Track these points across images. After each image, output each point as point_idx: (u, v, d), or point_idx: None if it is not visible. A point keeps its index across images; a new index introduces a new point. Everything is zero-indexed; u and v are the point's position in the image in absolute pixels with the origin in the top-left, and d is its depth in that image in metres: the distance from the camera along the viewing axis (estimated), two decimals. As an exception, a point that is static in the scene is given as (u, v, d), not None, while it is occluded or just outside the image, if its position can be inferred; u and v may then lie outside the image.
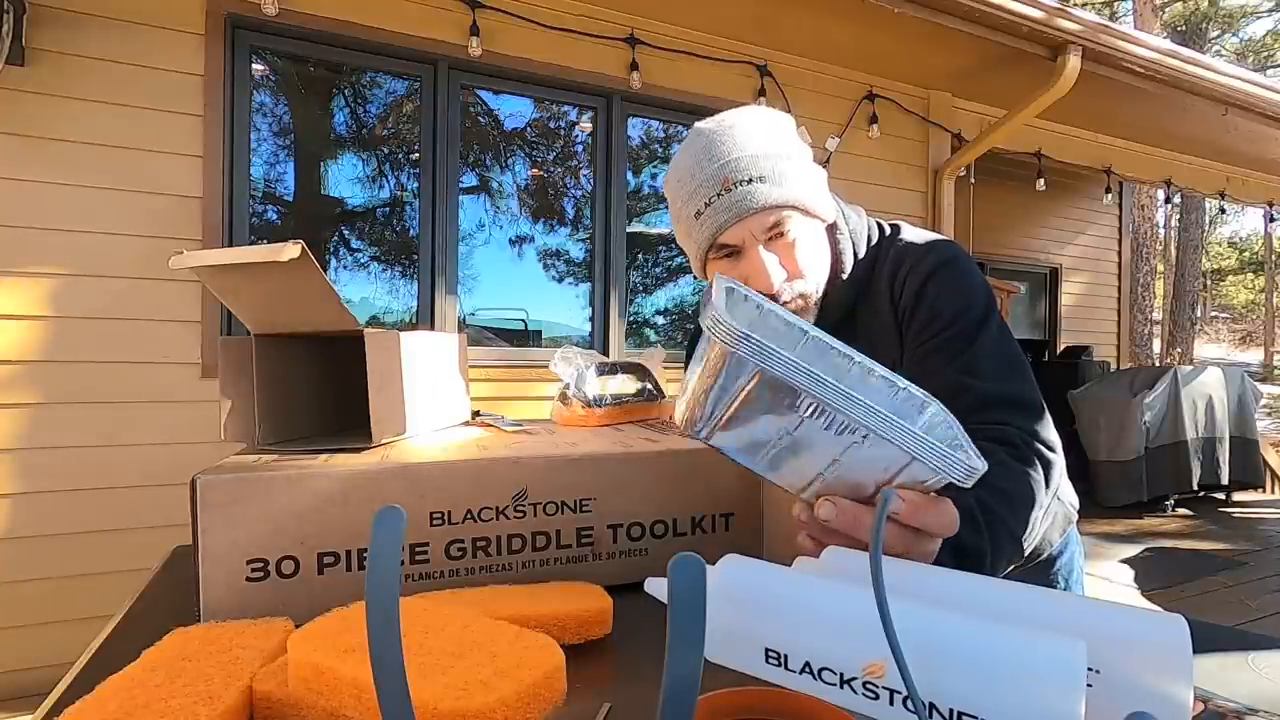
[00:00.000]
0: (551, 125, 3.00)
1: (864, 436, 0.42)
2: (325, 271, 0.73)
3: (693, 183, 0.72)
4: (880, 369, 0.54)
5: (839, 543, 0.45)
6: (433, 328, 2.65)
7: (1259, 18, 16.80)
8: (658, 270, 3.34)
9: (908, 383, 0.51)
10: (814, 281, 0.75)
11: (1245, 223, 23.52)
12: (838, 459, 0.43)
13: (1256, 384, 5.09)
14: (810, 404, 0.41)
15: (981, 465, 0.42)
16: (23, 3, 2.02)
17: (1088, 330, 6.21)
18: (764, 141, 0.72)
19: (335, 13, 2.44)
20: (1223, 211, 8.68)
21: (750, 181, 0.70)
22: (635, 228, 3.14)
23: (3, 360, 2.04)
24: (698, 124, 0.75)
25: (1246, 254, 22.81)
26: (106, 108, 2.15)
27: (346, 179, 2.71)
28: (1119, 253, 6.34)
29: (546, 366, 0.92)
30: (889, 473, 0.43)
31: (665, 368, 0.95)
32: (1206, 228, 18.31)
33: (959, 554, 0.53)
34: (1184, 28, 13.95)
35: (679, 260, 3.32)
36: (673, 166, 0.76)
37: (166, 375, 2.21)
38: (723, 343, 0.41)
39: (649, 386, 0.89)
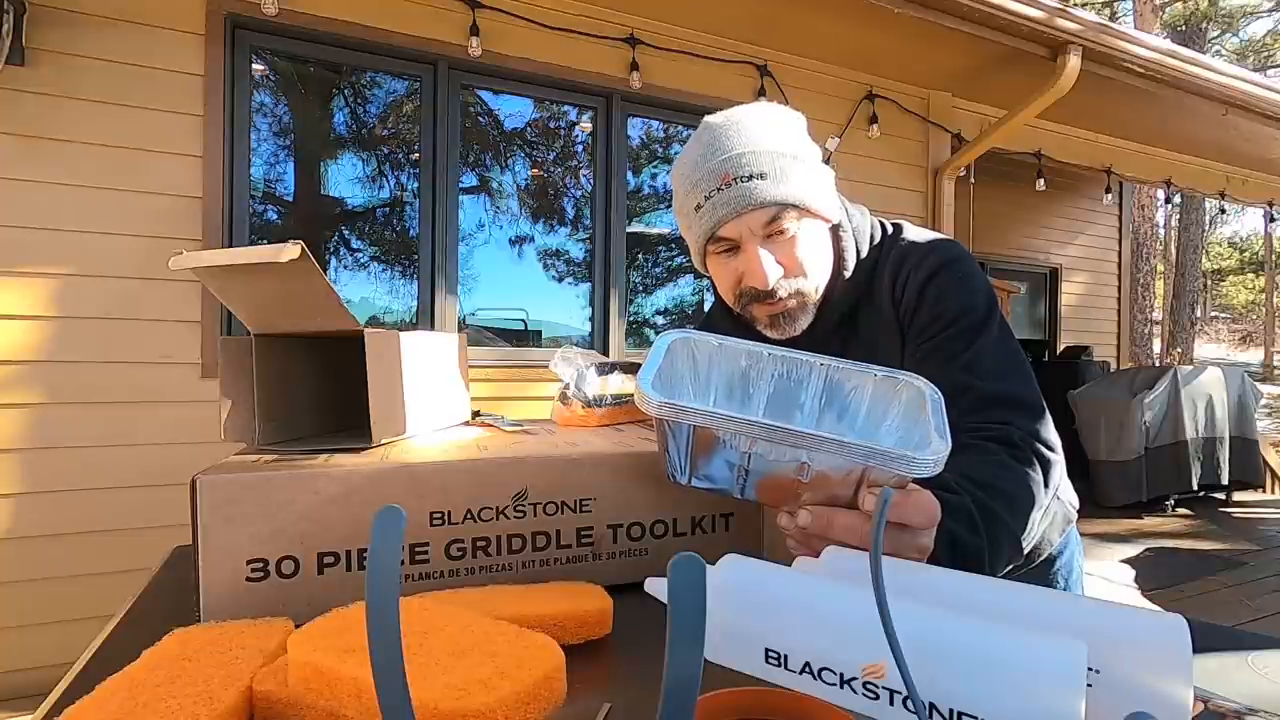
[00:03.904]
0: (551, 125, 3.00)
1: (806, 457, 0.45)
2: (325, 271, 0.73)
3: (695, 175, 0.72)
4: (854, 365, 0.56)
5: (821, 547, 0.47)
6: (433, 328, 2.65)
7: (1259, 18, 16.79)
8: (658, 270, 3.34)
9: (886, 370, 0.55)
10: (813, 280, 0.75)
11: (1245, 223, 23.54)
12: (798, 476, 0.47)
13: (1256, 384, 5.09)
14: (745, 440, 0.46)
15: (941, 449, 0.44)
16: (23, 2, 2.02)
17: (1088, 330, 6.21)
18: (769, 138, 0.72)
19: (335, 13, 2.44)
20: (1223, 211, 8.69)
21: (750, 178, 0.70)
22: (635, 228, 3.14)
23: (4, 360, 2.04)
24: (707, 118, 0.76)
25: (1246, 254, 22.81)
26: (106, 108, 2.15)
27: (346, 179, 2.71)
28: (1119, 253, 6.34)
29: (546, 366, 0.92)
30: (852, 476, 0.45)
31: (665, 368, 0.95)
32: (1206, 228, 18.30)
33: (957, 553, 0.53)
34: (1184, 28, 13.93)
35: (679, 260, 3.32)
36: (679, 158, 0.77)
37: (166, 375, 2.21)
38: (650, 414, 0.47)
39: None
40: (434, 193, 2.67)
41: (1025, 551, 0.62)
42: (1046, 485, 0.64)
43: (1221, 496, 4.95)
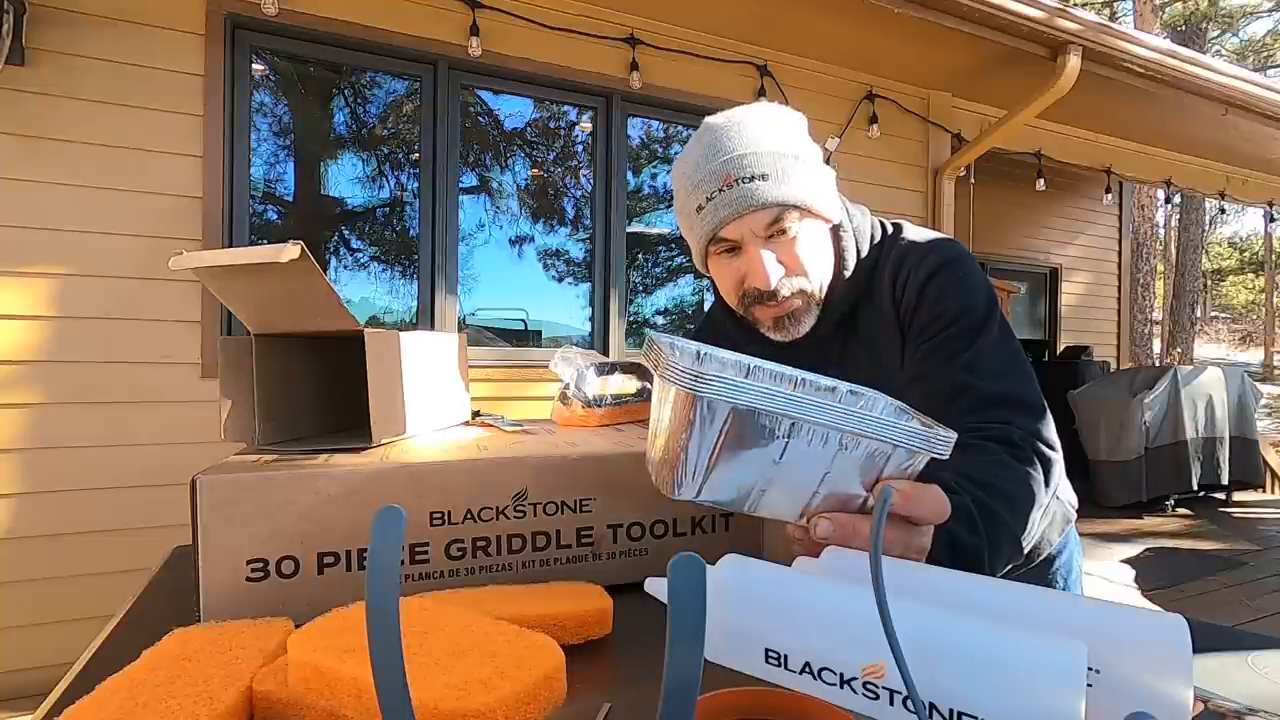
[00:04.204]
0: (551, 125, 3.00)
1: (842, 442, 0.42)
2: (325, 271, 0.73)
3: (696, 176, 0.72)
4: (821, 379, 0.56)
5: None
6: (433, 328, 2.65)
7: (1259, 18, 16.80)
8: (658, 270, 3.34)
9: (848, 384, 0.55)
10: (815, 280, 0.75)
11: (1245, 223, 23.54)
12: (828, 472, 0.44)
13: (1256, 384, 5.09)
14: (788, 426, 0.41)
15: (949, 432, 0.44)
16: (23, 2, 2.02)
17: (1088, 330, 6.21)
18: (770, 139, 0.71)
19: (335, 13, 2.44)
20: (1223, 211, 8.68)
21: (752, 179, 0.70)
22: (635, 228, 3.14)
23: (3, 360, 2.04)
24: (708, 118, 0.75)
25: (1246, 254, 22.81)
26: (106, 108, 2.15)
27: (346, 179, 2.71)
28: (1119, 253, 6.34)
29: (546, 366, 0.92)
30: (875, 471, 0.44)
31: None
32: (1206, 228, 18.29)
33: (957, 553, 0.53)
34: (1184, 28, 13.93)
35: (679, 260, 3.32)
36: (680, 159, 0.77)
37: (166, 375, 2.21)
38: (689, 389, 0.40)
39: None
40: (434, 193, 2.67)
41: (1025, 551, 0.62)
42: (1046, 485, 0.64)
43: (1221, 496, 4.95)
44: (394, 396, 0.67)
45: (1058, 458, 0.66)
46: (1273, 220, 5.68)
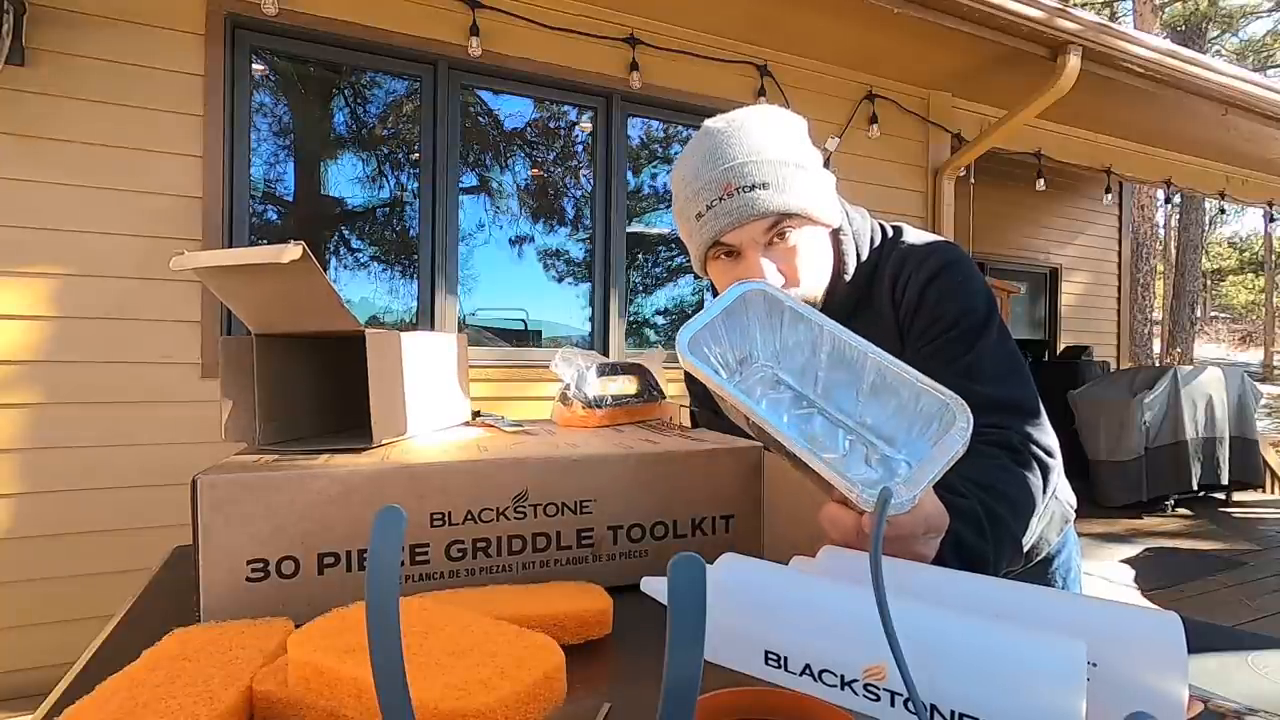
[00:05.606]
0: (551, 125, 3.00)
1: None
2: (325, 271, 0.73)
3: (696, 183, 0.72)
4: (902, 368, 0.50)
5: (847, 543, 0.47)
6: (433, 328, 2.65)
7: (1259, 18, 16.79)
8: (658, 270, 3.34)
9: (929, 385, 0.48)
10: (812, 287, 0.75)
11: (1245, 223, 23.55)
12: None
13: (1256, 384, 5.09)
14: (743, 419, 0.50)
15: (908, 497, 0.42)
16: (23, 3, 2.02)
17: (1088, 330, 6.21)
18: (770, 146, 0.71)
19: (335, 13, 2.44)
20: (1223, 211, 8.69)
21: (752, 188, 0.70)
22: (635, 228, 3.14)
23: (3, 360, 2.04)
24: (708, 122, 0.75)
25: (1246, 254, 22.81)
26: (106, 108, 2.15)
27: (346, 179, 2.71)
28: (1119, 253, 6.34)
29: (547, 367, 0.92)
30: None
31: (665, 368, 0.95)
32: (1206, 228, 18.29)
33: (963, 556, 0.53)
34: (1184, 28, 13.93)
35: (679, 260, 3.32)
36: (679, 163, 0.76)
37: (166, 375, 2.21)
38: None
39: (649, 387, 0.89)
40: (434, 193, 2.67)
41: (1024, 553, 0.62)
42: (1045, 489, 0.64)
43: (1221, 496, 4.95)
44: (394, 397, 0.67)
45: (1055, 462, 0.66)
46: (1273, 220, 5.68)
